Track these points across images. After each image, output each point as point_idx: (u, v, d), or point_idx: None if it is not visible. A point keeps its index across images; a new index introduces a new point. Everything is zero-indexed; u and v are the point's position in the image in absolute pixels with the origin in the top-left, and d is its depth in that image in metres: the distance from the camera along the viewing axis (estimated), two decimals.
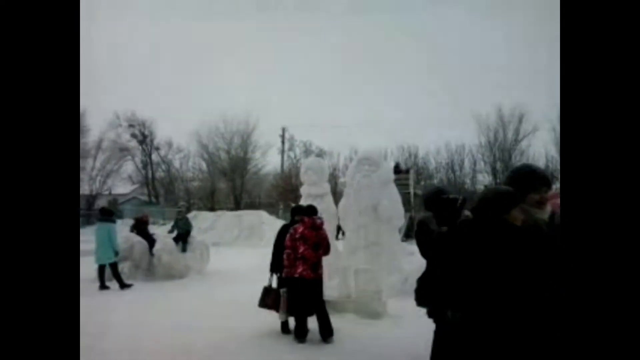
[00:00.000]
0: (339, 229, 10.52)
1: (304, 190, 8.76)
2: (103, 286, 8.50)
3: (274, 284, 5.45)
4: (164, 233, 11.31)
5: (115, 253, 8.71)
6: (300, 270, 4.91)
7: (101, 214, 9.32)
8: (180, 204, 13.28)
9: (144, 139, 36.37)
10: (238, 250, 16.25)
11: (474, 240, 2.32)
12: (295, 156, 35.57)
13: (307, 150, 34.96)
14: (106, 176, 35.38)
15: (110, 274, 8.65)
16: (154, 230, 11.92)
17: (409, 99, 59.52)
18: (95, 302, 7.26)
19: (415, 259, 7.57)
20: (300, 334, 4.93)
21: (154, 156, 36.96)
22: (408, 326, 5.16)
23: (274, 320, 5.36)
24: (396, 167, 19.30)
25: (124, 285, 8.58)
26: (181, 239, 10.23)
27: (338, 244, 8.98)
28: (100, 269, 8.68)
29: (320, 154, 33.42)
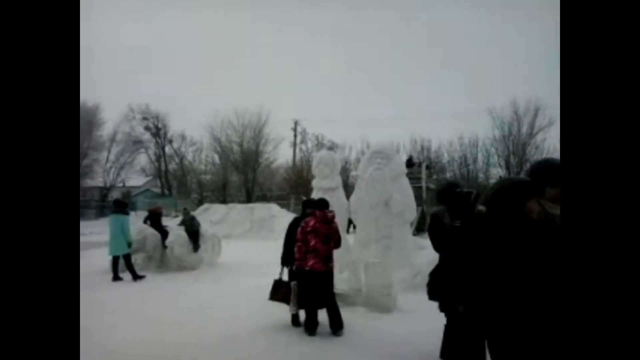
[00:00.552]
0: (350, 222, 10.50)
1: (316, 183, 8.76)
2: (116, 277, 8.62)
3: (285, 277, 5.46)
4: (177, 225, 11.35)
5: (129, 244, 8.80)
6: (311, 263, 4.91)
7: (115, 205, 9.40)
8: (184, 208, 13.22)
9: (158, 131, 36.67)
10: (249, 242, 16.33)
11: (488, 234, 2.26)
12: (307, 149, 35.62)
13: (319, 143, 34.91)
14: (120, 168, 35.88)
15: (123, 265, 8.76)
16: (167, 222, 12.00)
17: (423, 92, 59.10)
18: (108, 293, 7.38)
19: (427, 253, 7.53)
20: (311, 327, 4.94)
21: (167, 149, 37.31)
22: (418, 321, 5.14)
23: (284, 312, 5.38)
24: (409, 161, 19.14)
25: (137, 277, 8.68)
26: (191, 239, 10.19)
27: (349, 237, 8.97)
28: (114, 260, 8.79)
29: (332, 147, 33.35)
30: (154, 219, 10.43)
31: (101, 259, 10.07)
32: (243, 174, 33.19)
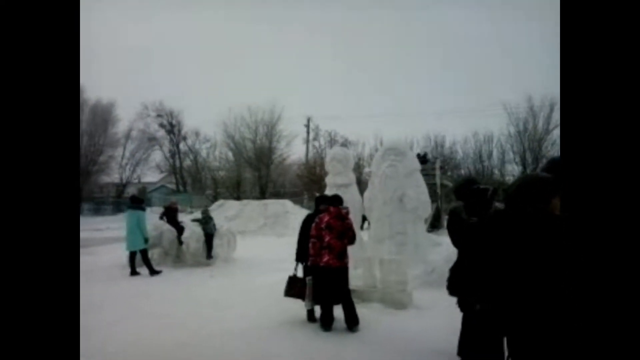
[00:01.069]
0: (364, 219, 10.48)
1: (329, 179, 8.75)
2: (134, 272, 8.77)
3: (299, 273, 5.48)
4: (190, 220, 11.43)
5: (145, 240, 8.92)
6: (326, 259, 4.92)
7: (131, 201, 9.51)
8: (205, 207, 13.14)
9: (172, 128, 37.04)
10: (263, 238, 16.44)
11: (509, 232, 2.22)
12: (320, 146, 35.60)
13: (332, 140, 34.88)
14: (135, 165, 36.43)
15: (140, 260, 8.90)
16: (182, 218, 12.12)
17: (436, 88, 58.56)
18: (126, 287, 7.51)
19: (441, 250, 7.49)
20: (326, 322, 4.96)
21: (182, 145, 37.68)
22: (433, 317, 5.13)
23: (299, 308, 5.40)
24: (423, 157, 18.99)
25: (153, 272, 8.81)
26: (206, 242, 10.14)
27: (363, 234, 8.96)
28: (131, 256, 8.92)
29: (345, 143, 33.28)
30: (169, 215, 10.55)
31: (119, 254, 10.27)
32: (257, 171, 33.33)
